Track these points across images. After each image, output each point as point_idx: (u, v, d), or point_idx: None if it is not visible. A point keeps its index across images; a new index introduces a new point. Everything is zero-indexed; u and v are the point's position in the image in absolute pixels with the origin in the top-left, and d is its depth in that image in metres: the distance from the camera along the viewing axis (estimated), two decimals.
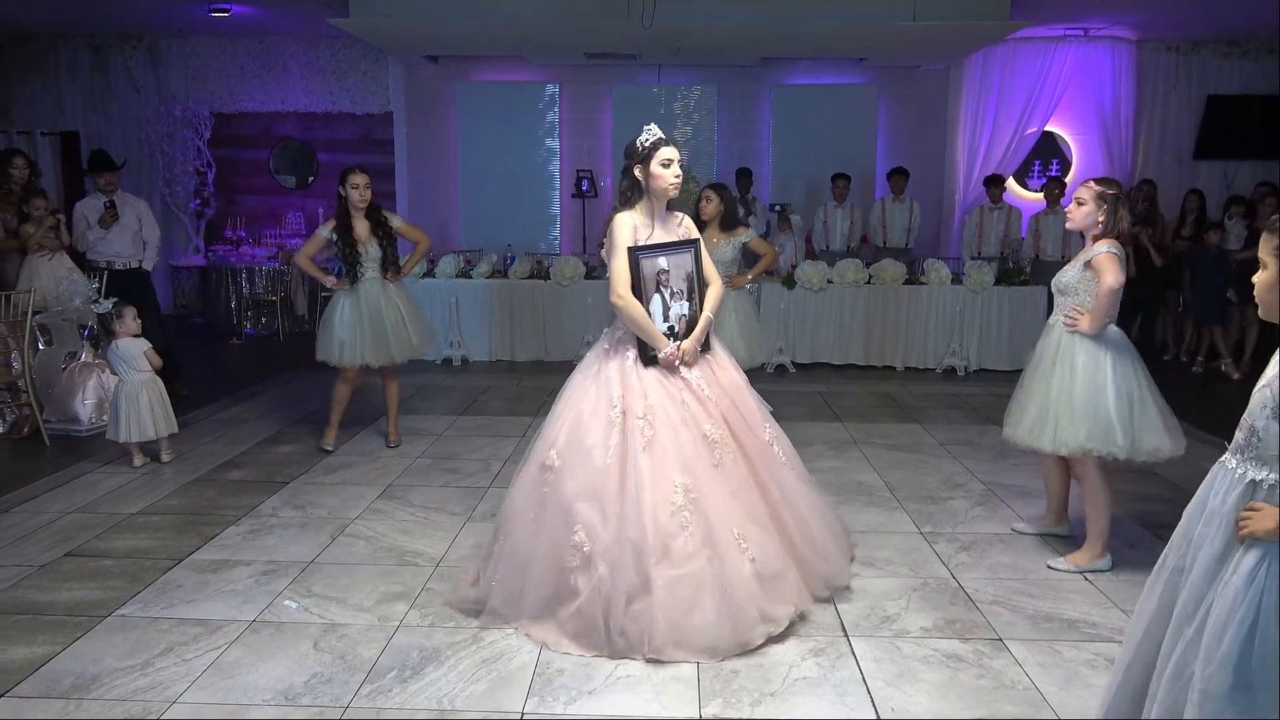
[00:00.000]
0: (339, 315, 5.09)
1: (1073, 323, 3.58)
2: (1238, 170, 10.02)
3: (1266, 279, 1.85)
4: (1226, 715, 1.76)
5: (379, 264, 5.14)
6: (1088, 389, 3.49)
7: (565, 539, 3.01)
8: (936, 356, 7.86)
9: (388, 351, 5.14)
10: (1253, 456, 1.85)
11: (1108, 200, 3.55)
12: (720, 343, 3.49)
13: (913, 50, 9.24)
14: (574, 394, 3.24)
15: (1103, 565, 3.69)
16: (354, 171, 5.08)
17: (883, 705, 2.70)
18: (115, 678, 2.83)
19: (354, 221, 5.08)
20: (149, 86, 10.31)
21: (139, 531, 4.04)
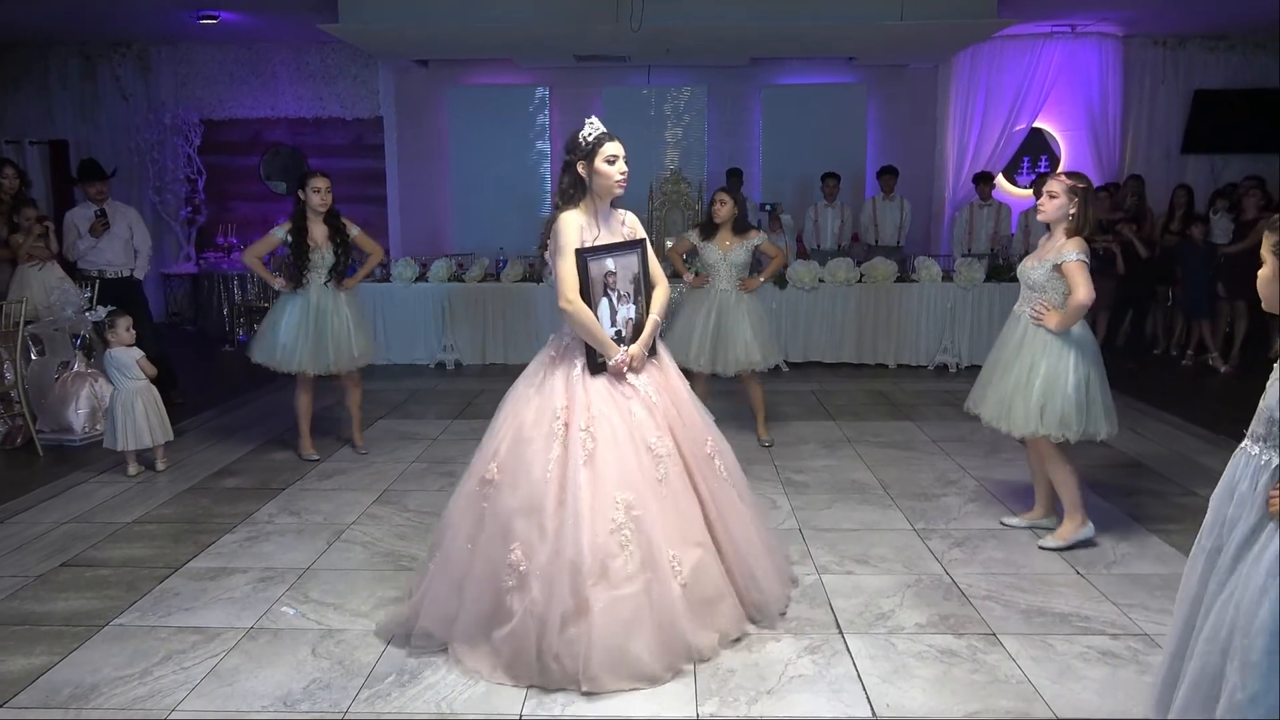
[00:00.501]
0: (284, 319, 5.03)
1: (1039, 317, 3.72)
2: (1225, 164, 10.08)
3: (1266, 274, 1.94)
4: (1265, 681, 1.84)
5: (330, 270, 5.06)
6: (1047, 381, 3.68)
7: (502, 557, 2.85)
8: (928, 353, 7.89)
9: (326, 360, 5.04)
10: (1276, 445, 1.93)
11: (1079, 194, 3.68)
12: (665, 346, 3.33)
13: (901, 49, 9.28)
14: (516, 404, 3.08)
15: (1086, 533, 3.83)
16: (316, 175, 5.03)
17: (878, 701, 2.72)
18: (114, 687, 2.84)
19: (311, 225, 5.01)
20: (138, 94, 10.31)
21: (135, 540, 4.05)
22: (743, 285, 5.36)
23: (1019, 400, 3.72)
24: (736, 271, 5.34)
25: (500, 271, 8.25)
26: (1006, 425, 3.79)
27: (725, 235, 5.32)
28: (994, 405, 3.84)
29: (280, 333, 5.02)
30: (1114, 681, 2.82)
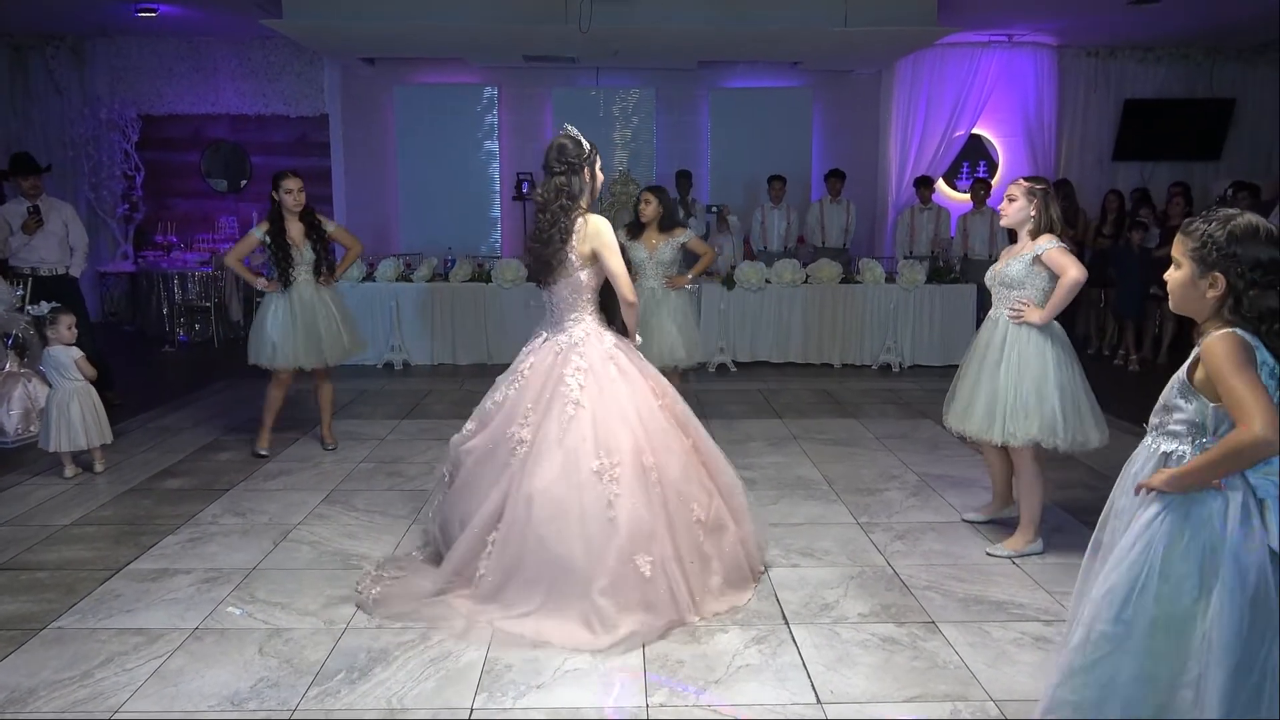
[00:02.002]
0: (271, 318, 5.08)
1: (1018, 314, 3.72)
2: (1154, 171, 10.47)
3: (1180, 277, 1.99)
4: (1105, 642, 1.96)
5: (312, 267, 5.15)
6: (1035, 383, 3.66)
7: (688, 518, 3.25)
8: (872, 353, 8.06)
9: (320, 354, 5.16)
10: (1165, 433, 2.03)
11: (1038, 195, 3.73)
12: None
13: (845, 54, 9.46)
14: (610, 400, 3.25)
15: (1035, 549, 3.86)
16: (287, 176, 5.09)
17: (822, 689, 2.80)
18: (53, 690, 2.78)
19: (288, 224, 5.09)
20: (73, 88, 10.03)
21: (73, 543, 3.96)
22: (669, 282, 5.43)
23: (1012, 405, 3.67)
24: (663, 269, 5.42)
25: (448, 271, 8.21)
26: (1000, 436, 3.70)
27: (651, 234, 5.40)
28: (983, 417, 3.75)
29: (268, 332, 5.06)
30: (1046, 665, 2.92)
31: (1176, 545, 1.91)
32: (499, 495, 3.26)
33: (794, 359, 8.06)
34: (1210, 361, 1.89)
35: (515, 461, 3.27)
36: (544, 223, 3.37)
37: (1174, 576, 1.90)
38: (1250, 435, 1.80)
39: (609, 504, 3.11)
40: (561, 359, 3.35)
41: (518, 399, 3.38)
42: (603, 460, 3.15)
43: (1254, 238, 1.89)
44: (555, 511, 3.12)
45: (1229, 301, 1.90)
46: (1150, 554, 1.93)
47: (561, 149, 3.36)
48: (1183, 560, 1.91)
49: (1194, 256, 1.95)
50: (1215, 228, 1.91)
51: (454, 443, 3.58)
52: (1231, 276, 1.89)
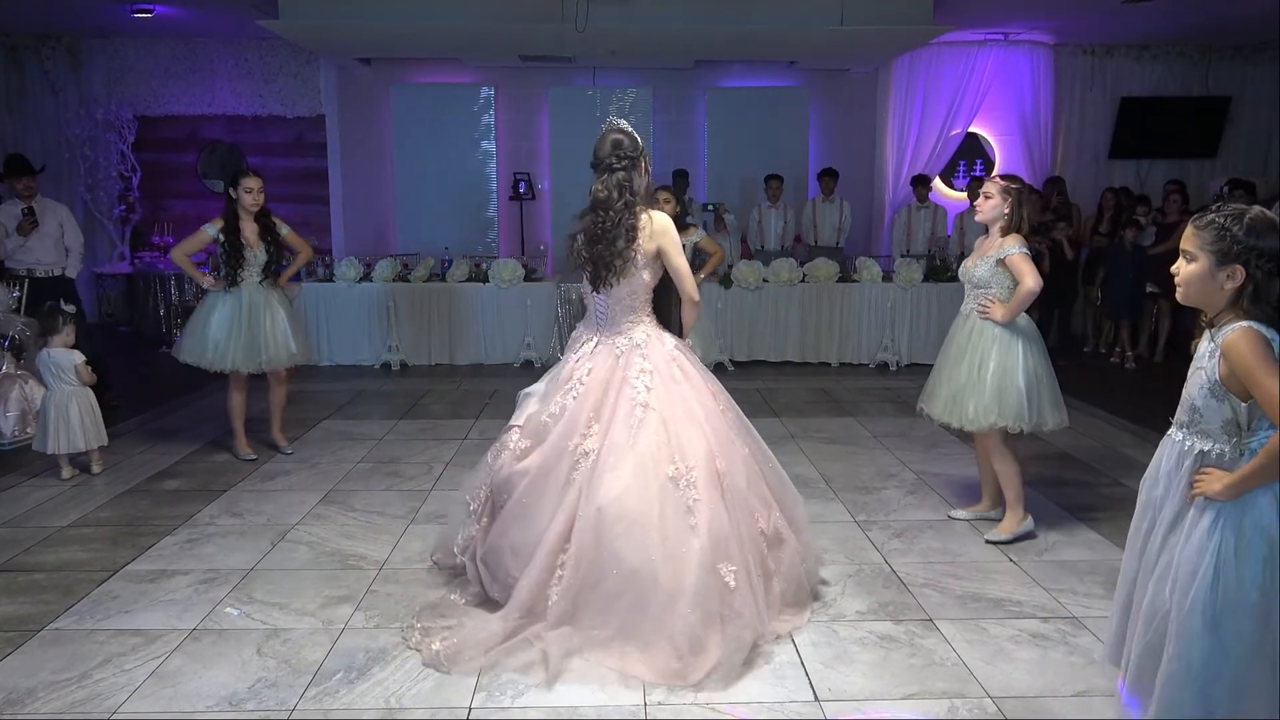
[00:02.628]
0: (214, 317, 4.98)
1: (985, 310, 3.85)
2: (1150, 169, 10.49)
3: (1195, 270, 2.04)
4: (1199, 652, 1.98)
5: (262, 269, 5.05)
6: (999, 373, 3.80)
7: (754, 526, 3.09)
8: (869, 352, 8.07)
9: (258, 358, 5.00)
10: (1198, 431, 2.08)
11: (1012, 194, 3.84)
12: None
13: (841, 53, 9.47)
14: (680, 401, 3.10)
15: (1028, 527, 3.96)
16: (248, 174, 5.03)
17: (820, 686, 2.80)
18: (51, 691, 2.78)
19: (243, 224, 5.01)
20: (69, 88, 10.01)
21: (71, 544, 3.96)
22: None
23: (971, 395, 3.81)
24: None
25: (445, 271, 8.20)
26: (959, 420, 3.86)
27: None
28: (944, 402, 3.92)
29: (211, 331, 4.96)
30: (1044, 662, 2.95)
31: (1241, 547, 1.97)
32: (565, 516, 2.99)
33: (791, 358, 8.06)
34: (1235, 361, 1.95)
35: (579, 476, 3.01)
36: (607, 222, 3.14)
37: (1246, 578, 1.96)
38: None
39: (689, 510, 2.91)
40: (624, 362, 3.14)
41: (577, 409, 3.11)
42: (678, 465, 2.97)
43: (1271, 229, 1.96)
44: (630, 523, 2.89)
45: (1248, 292, 1.97)
46: (1222, 565, 1.98)
47: (618, 144, 3.20)
48: (1250, 561, 1.97)
49: (1212, 249, 2.00)
50: (1232, 221, 1.98)
51: (498, 466, 3.23)
52: (1251, 268, 1.96)
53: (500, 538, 3.15)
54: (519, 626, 2.96)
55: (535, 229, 10.30)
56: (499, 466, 3.24)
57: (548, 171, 10.33)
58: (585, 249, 3.20)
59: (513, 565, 3.08)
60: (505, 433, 3.33)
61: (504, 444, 3.29)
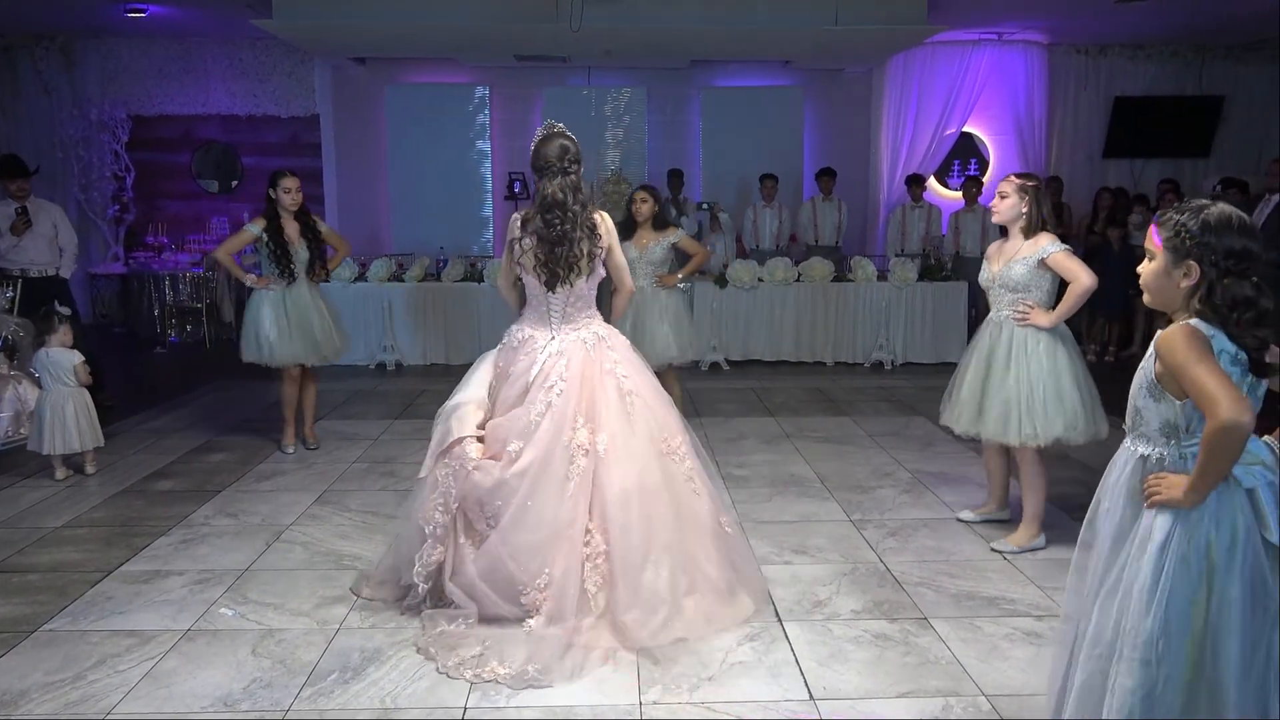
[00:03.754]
0: (266, 315, 5.13)
1: (1023, 317, 3.70)
2: (1144, 168, 10.52)
3: (1154, 268, 1.97)
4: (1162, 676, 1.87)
5: (306, 266, 5.21)
6: (1053, 384, 3.66)
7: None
8: (865, 351, 8.08)
9: (317, 351, 5.24)
10: (1139, 435, 2.01)
11: (1029, 192, 3.72)
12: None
13: (835, 53, 9.48)
14: (653, 384, 3.37)
15: (1039, 544, 3.87)
16: (285, 175, 5.17)
17: (815, 685, 2.80)
18: (45, 692, 2.77)
19: (284, 223, 5.14)
20: (62, 89, 9.99)
21: (64, 545, 3.95)
22: (660, 281, 5.43)
23: (1028, 409, 3.65)
24: (654, 268, 5.42)
25: (441, 271, 8.20)
26: (1017, 437, 3.68)
27: (644, 233, 5.39)
28: (996, 420, 3.72)
29: (265, 329, 5.11)
30: (1038, 660, 2.95)
31: (1187, 557, 1.87)
32: (573, 509, 3.04)
33: (786, 357, 8.07)
34: (1167, 356, 1.87)
35: (576, 470, 3.06)
36: (565, 221, 3.20)
37: (1186, 585, 1.86)
38: (1219, 423, 1.77)
39: (689, 479, 3.25)
40: (596, 354, 3.24)
41: (564, 404, 3.12)
42: (668, 441, 3.24)
43: (1227, 227, 1.87)
44: (653, 501, 3.10)
45: (1201, 291, 1.88)
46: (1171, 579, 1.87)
47: (565, 149, 3.27)
48: (1190, 566, 1.87)
49: (1168, 246, 1.93)
50: (1188, 217, 1.89)
51: (475, 480, 3.13)
52: (1205, 265, 1.87)
53: (500, 546, 3.06)
54: (578, 629, 2.96)
55: None
56: (478, 479, 3.13)
57: None
58: (540, 250, 3.23)
59: (519, 572, 3.02)
60: (457, 446, 3.20)
61: (461, 457, 3.18)
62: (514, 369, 3.27)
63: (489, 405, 3.33)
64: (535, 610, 2.98)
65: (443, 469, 3.21)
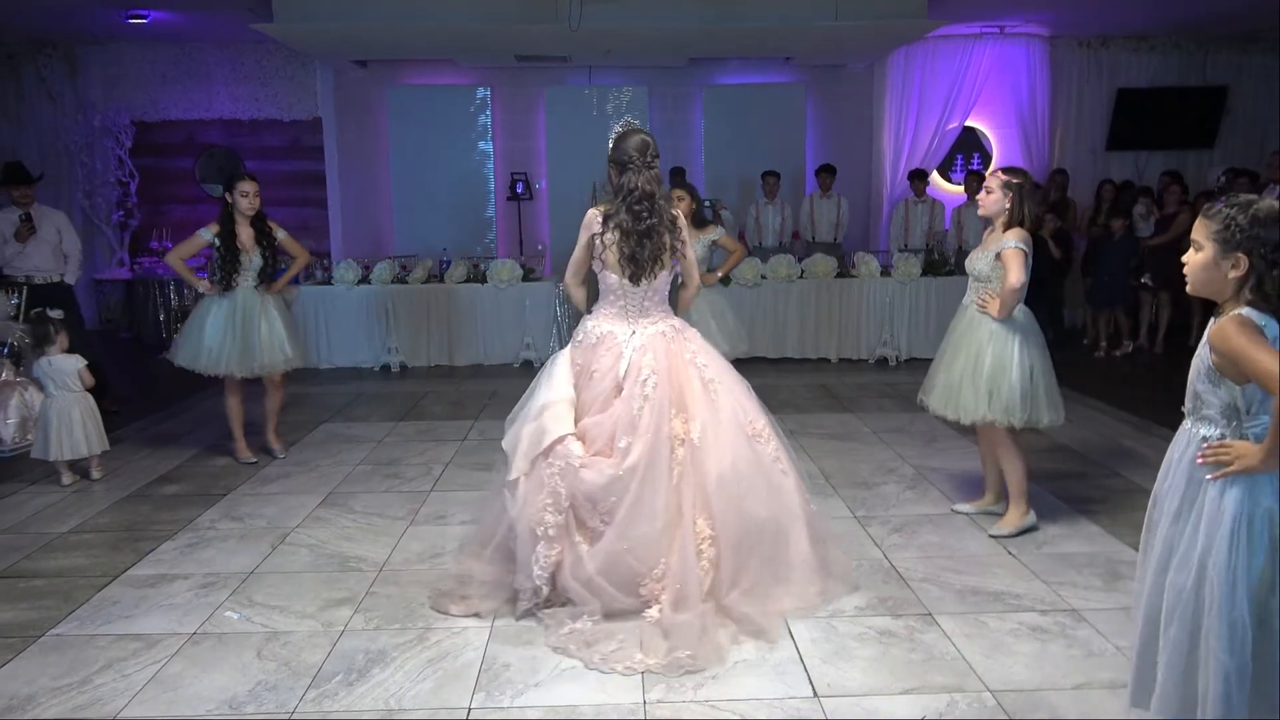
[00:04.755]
0: (209, 321, 4.99)
1: (983, 305, 3.87)
2: (1148, 160, 10.46)
3: (1202, 259, 2.07)
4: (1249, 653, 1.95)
5: (258, 274, 5.07)
6: (994, 366, 3.80)
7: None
8: (869, 347, 8.06)
9: (253, 362, 5.01)
10: (1200, 417, 2.10)
11: (1013, 189, 3.82)
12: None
13: (837, 49, 9.45)
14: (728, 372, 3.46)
15: (1030, 521, 3.97)
16: (243, 178, 5.05)
17: (819, 682, 2.80)
18: (52, 696, 2.79)
19: (239, 228, 5.02)
20: (66, 95, 10.02)
21: (71, 550, 3.96)
22: (701, 279, 5.44)
23: (966, 388, 3.84)
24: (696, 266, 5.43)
25: (444, 273, 8.21)
26: (954, 412, 3.88)
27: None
28: (941, 393, 3.95)
29: (206, 335, 4.97)
30: (1043, 655, 2.95)
31: (1247, 527, 1.97)
32: (679, 499, 3.13)
33: (790, 354, 8.06)
34: (1224, 347, 1.97)
35: (677, 460, 3.15)
36: (653, 214, 3.27)
37: (1256, 559, 1.96)
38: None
39: (775, 459, 3.31)
40: (677, 347, 3.32)
41: (661, 397, 3.18)
42: (752, 425, 3.31)
43: (1276, 220, 1.98)
44: (748, 483, 3.19)
45: (1251, 281, 1.99)
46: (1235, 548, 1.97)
47: (646, 144, 3.31)
48: (1257, 537, 1.96)
49: (1217, 239, 2.03)
50: (1237, 211, 2.00)
51: (584, 477, 3.13)
52: (1254, 257, 1.98)
53: (618, 541, 3.10)
54: (702, 613, 3.04)
55: (533, 229, 10.30)
56: (588, 476, 3.13)
57: (545, 171, 10.32)
58: (627, 243, 3.26)
59: (637, 564, 3.11)
60: (559, 445, 3.16)
61: (566, 455, 3.15)
62: (597, 366, 3.29)
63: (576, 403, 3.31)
64: (654, 600, 3.08)
65: (547, 469, 3.17)
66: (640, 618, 3.06)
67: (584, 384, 3.30)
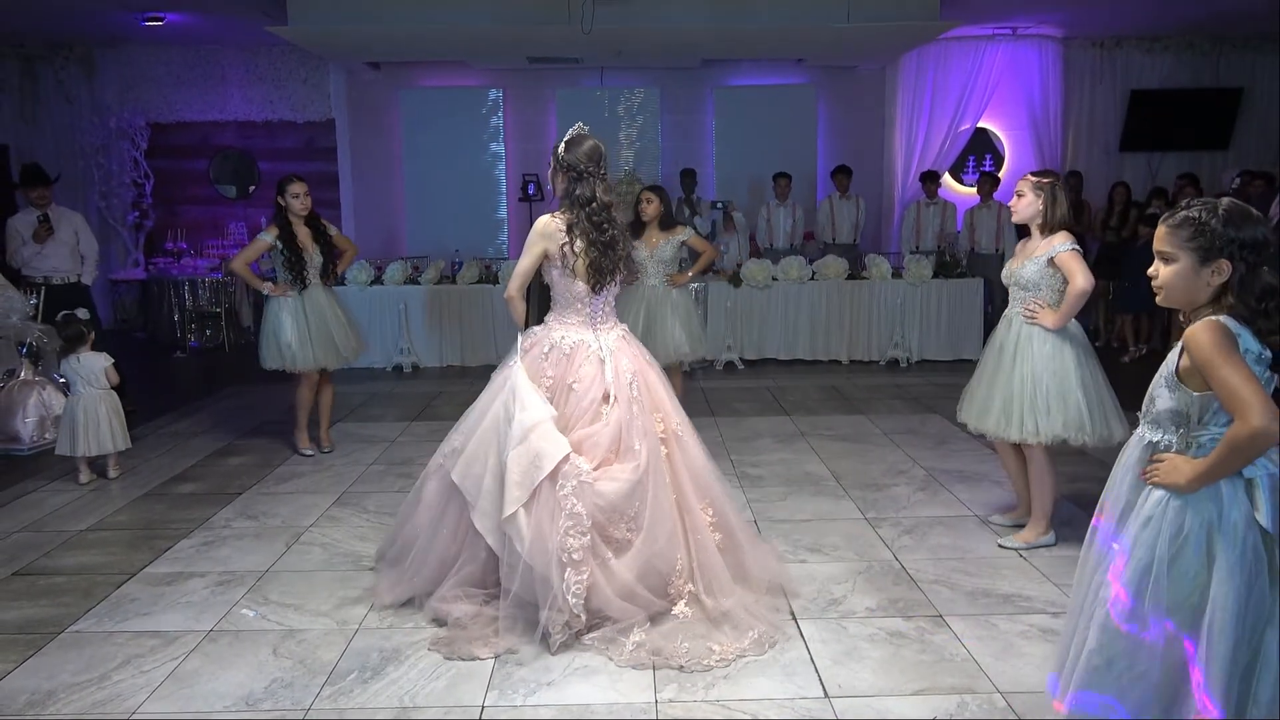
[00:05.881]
0: (285, 322, 5.16)
1: (1032, 315, 3.71)
2: (1161, 161, 10.42)
3: (1178, 270, 1.97)
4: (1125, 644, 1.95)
5: (320, 270, 5.24)
6: (1057, 382, 3.65)
7: None
8: (880, 349, 8.06)
9: (337, 354, 5.29)
10: (1150, 420, 2.05)
11: (1045, 189, 3.71)
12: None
13: (848, 50, 9.46)
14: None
15: (1047, 540, 3.86)
16: (293, 180, 5.19)
17: (830, 683, 2.82)
18: (72, 693, 2.83)
19: (296, 229, 5.17)
20: (82, 98, 10.12)
21: (89, 548, 4.01)
22: (670, 280, 5.48)
23: (1029, 408, 3.66)
24: (664, 267, 5.48)
25: (456, 274, 8.25)
26: (1018, 434, 3.70)
27: (652, 232, 5.45)
28: (998, 416, 3.75)
29: (286, 335, 5.16)
30: (1054, 656, 2.94)
31: (1180, 533, 1.92)
32: (681, 492, 3.24)
33: (802, 356, 8.07)
34: (1197, 352, 1.89)
35: (667, 456, 3.25)
36: (615, 224, 3.31)
37: (1180, 563, 1.91)
38: (1249, 429, 1.81)
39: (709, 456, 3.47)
40: (635, 349, 3.41)
41: (645, 399, 3.26)
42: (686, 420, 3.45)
43: (1247, 218, 1.91)
44: (715, 479, 3.38)
45: (1233, 285, 1.90)
46: (1158, 547, 1.93)
47: (598, 150, 3.29)
48: (1187, 546, 1.91)
49: (1192, 247, 1.94)
50: (1208, 215, 1.91)
51: (601, 490, 3.05)
52: (1236, 261, 1.90)
53: (648, 546, 3.08)
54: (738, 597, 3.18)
55: None
56: (607, 489, 3.06)
57: None
58: (593, 252, 3.23)
59: (664, 565, 3.12)
60: (565, 465, 3.02)
61: (577, 474, 3.03)
62: (577, 377, 3.21)
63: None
64: (679, 596, 3.15)
65: (559, 492, 3.01)
66: (673, 617, 3.10)
67: (563, 398, 3.19)
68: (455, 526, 3.23)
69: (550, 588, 2.95)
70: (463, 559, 3.22)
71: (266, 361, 5.21)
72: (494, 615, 3.08)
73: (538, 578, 2.97)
